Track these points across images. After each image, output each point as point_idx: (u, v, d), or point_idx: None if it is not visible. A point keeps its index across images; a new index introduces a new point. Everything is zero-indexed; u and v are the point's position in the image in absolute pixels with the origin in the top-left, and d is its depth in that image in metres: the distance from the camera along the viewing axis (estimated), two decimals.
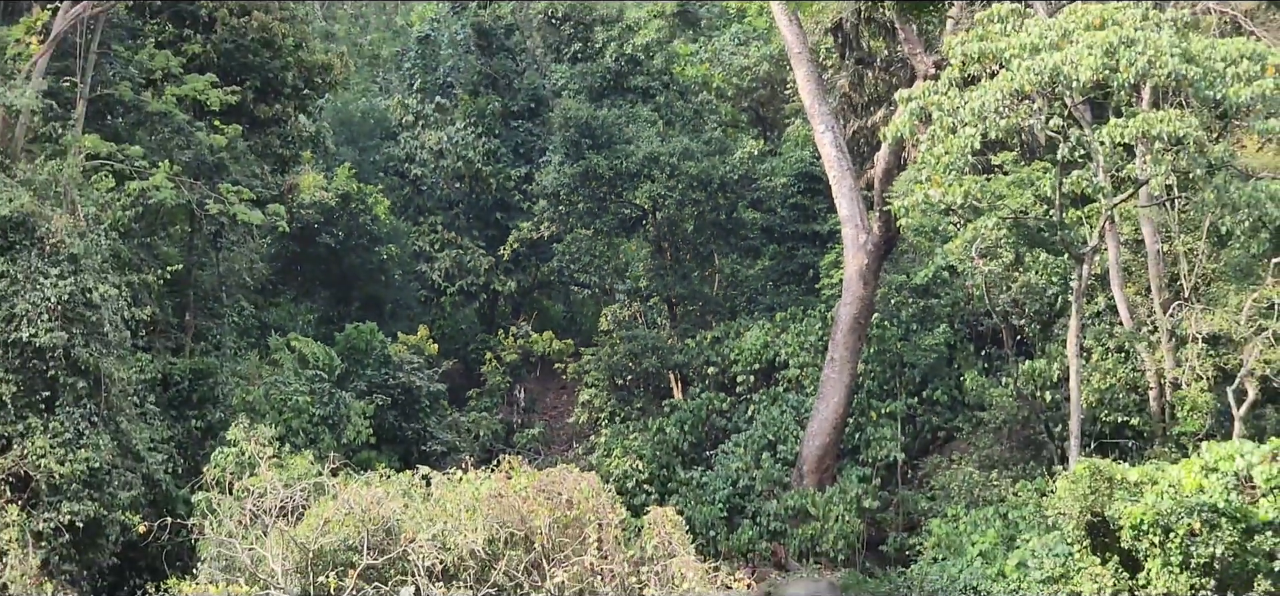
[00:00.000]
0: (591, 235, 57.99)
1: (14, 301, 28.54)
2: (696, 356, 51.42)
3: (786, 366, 48.97)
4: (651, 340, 53.25)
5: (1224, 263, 36.29)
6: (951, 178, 30.09)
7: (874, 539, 41.62)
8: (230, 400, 38.36)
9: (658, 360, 51.30)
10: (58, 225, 29.55)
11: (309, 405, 40.62)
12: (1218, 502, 24.34)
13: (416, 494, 24.90)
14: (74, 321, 29.15)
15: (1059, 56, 26.49)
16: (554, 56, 67.82)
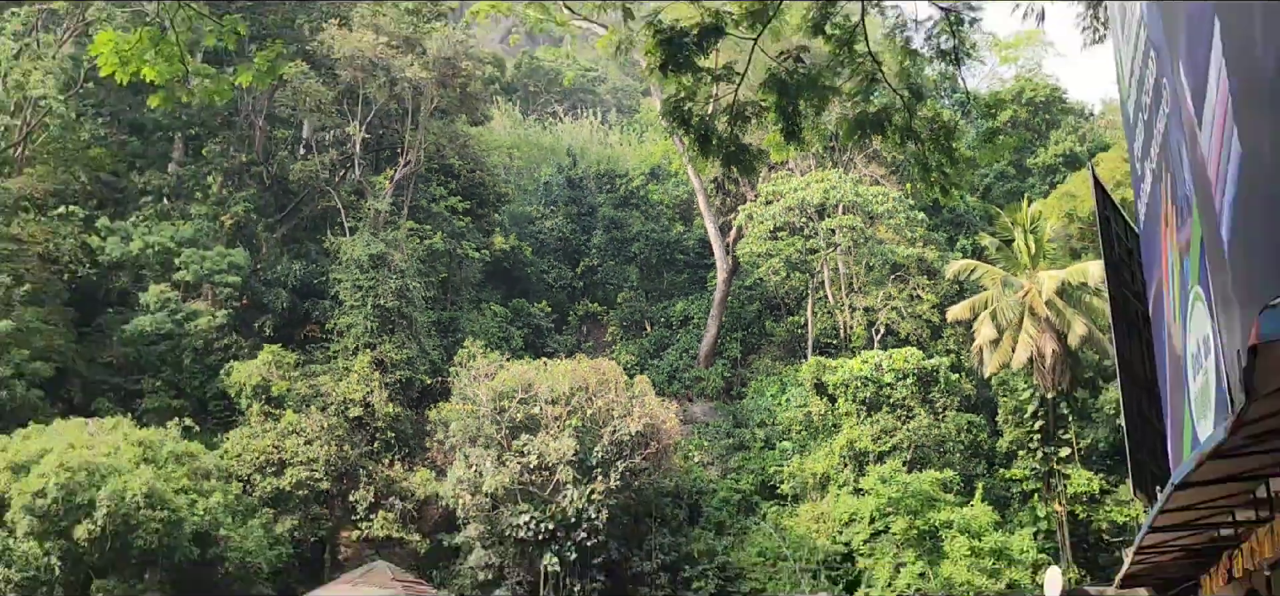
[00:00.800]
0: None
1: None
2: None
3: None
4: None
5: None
6: (762, 241, 51.80)
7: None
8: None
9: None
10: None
11: None
12: None
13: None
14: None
15: (804, 192, 52.18)
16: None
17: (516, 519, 42.55)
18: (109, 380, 47.77)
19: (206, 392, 47.91)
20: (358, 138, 55.62)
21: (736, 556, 44.65)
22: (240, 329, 49.65)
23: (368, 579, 39.43)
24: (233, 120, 55.19)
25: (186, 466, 40.76)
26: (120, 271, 50.16)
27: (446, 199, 57.03)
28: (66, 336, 47.75)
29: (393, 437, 46.44)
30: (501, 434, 43.23)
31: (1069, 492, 44.06)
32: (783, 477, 46.63)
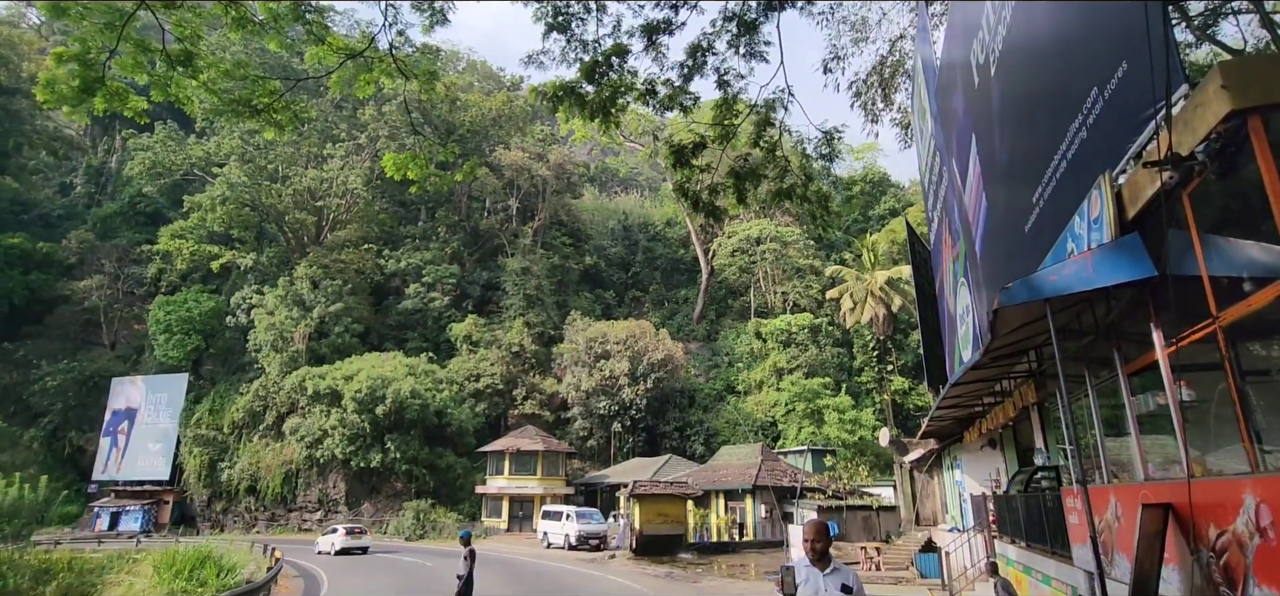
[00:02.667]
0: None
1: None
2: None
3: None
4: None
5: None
6: (727, 257, 55.94)
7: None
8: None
9: None
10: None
11: None
12: None
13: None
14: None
15: (748, 230, 53.43)
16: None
17: (598, 404, 43.25)
18: (390, 333, 48.74)
19: (439, 339, 48.33)
20: (514, 205, 56.23)
21: (714, 423, 44.90)
22: (456, 307, 50.55)
23: (523, 434, 40.23)
24: (451, 197, 56.08)
25: (430, 377, 41.74)
26: (395, 277, 51.25)
27: (560, 237, 57.55)
28: (369, 311, 48.86)
29: (534, 362, 47.13)
30: (590, 359, 43.89)
31: (892, 389, 44.17)
32: (739, 382, 46.89)
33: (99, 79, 9.75)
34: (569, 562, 24.11)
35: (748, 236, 52.05)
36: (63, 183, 65.36)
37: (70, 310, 53.17)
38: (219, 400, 45.86)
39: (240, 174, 46.41)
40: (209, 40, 11.40)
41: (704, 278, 55.60)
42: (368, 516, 39.48)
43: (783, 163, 10.08)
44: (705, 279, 55.49)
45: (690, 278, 59.98)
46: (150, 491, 44.71)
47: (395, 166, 13.50)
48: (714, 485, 31.94)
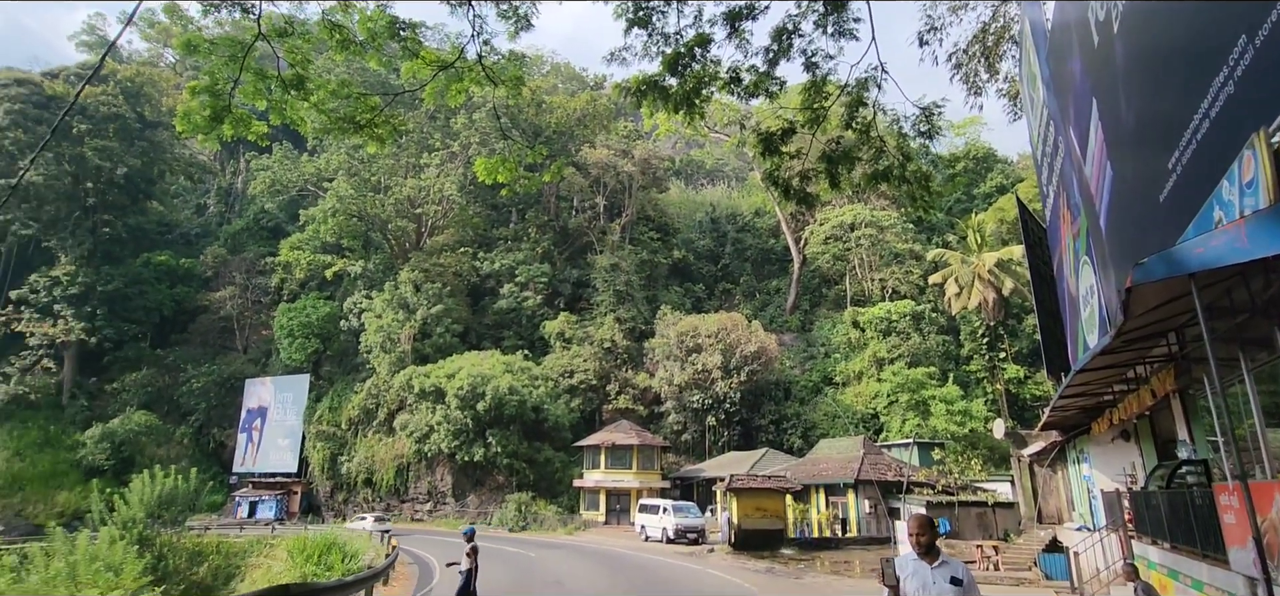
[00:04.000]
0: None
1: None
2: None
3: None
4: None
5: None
6: (819, 245, 52.18)
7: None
8: None
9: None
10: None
11: None
12: None
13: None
14: None
15: (842, 217, 50.90)
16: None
17: (691, 398, 43.21)
18: (487, 332, 50.71)
19: (533, 337, 49.76)
20: (601, 203, 57.06)
21: (812, 416, 43.74)
22: (548, 305, 51.86)
23: (617, 429, 40.82)
24: (540, 198, 57.57)
25: (526, 374, 43.08)
26: (490, 278, 53.27)
27: (647, 233, 57.72)
28: (467, 311, 51.11)
29: (626, 357, 47.61)
30: (682, 353, 43.90)
31: (1006, 378, 41.44)
32: (836, 373, 45.44)
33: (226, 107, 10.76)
34: (668, 556, 24.27)
35: (841, 223, 50.29)
36: (199, 204, 72.87)
37: (209, 319, 59.22)
38: (337, 398, 49.52)
39: (347, 187, 49.78)
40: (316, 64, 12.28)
41: (796, 267, 54.22)
42: (473, 508, 41.46)
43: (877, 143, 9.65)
44: (797, 268, 54.10)
45: (781, 268, 58.71)
46: (281, 482, 49.06)
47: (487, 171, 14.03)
48: (814, 479, 31.17)
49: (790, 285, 54.91)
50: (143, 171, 60.23)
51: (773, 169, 10.15)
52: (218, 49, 10.58)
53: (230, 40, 10.78)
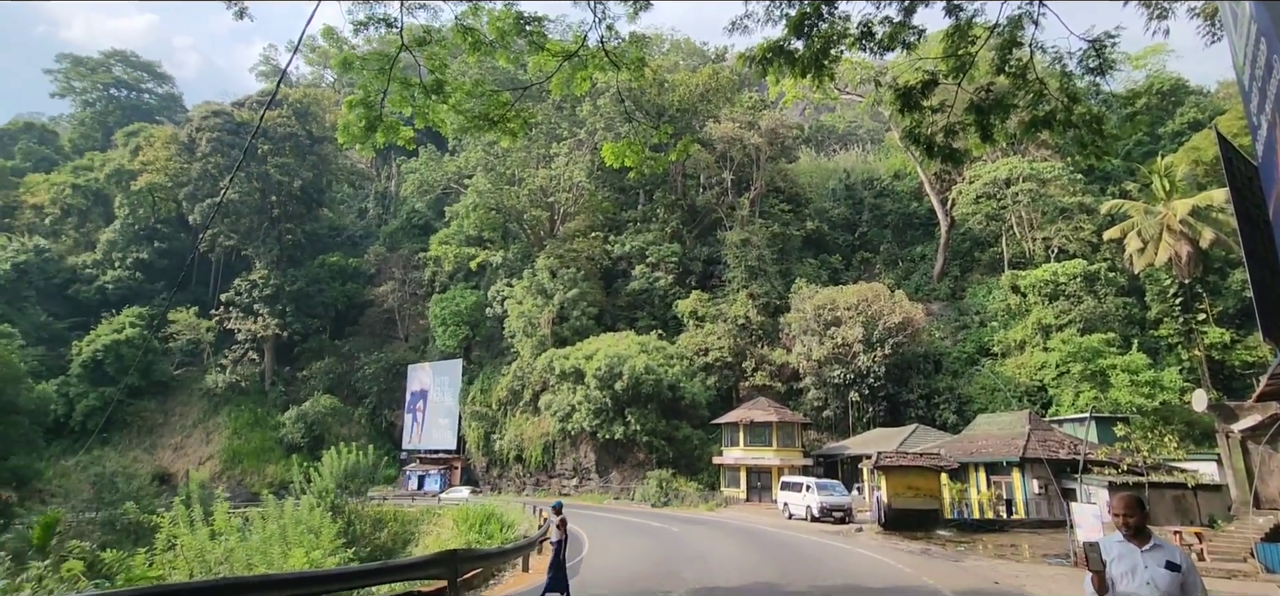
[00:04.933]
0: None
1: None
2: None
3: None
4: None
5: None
6: (969, 205, 47.21)
7: None
8: None
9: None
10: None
11: None
12: None
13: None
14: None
15: (995, 172, 46.16)
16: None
17: (831, 373, 41.84)
18: (621, 314, 52.12)
19: (666, 316, 50.42)
20: (728, 178, 56.38)
21: (967, 390, 40.87)
22: (680, 284, 52.26)
23: (755, 406, 40.51)
24: (667, 178, 57.88)
25: (661, 353, 43.88)
26: (621, 261, 54.62)
27: (778, 205, 56.27)
28: (601, 294, 52.83)
29: (761, 333, 46.97)
30: (819, 327, 42.56)
31: (1206, 343, 36.17)
32: (993, 343, 41.96)
33: (377, 117, 11.91)
34: (812, 534, 23.82)
35: (995, 179, 45.94)
36: (360, 208, 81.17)
37: (375, 311, 66.13)
38: (486, 381, 53.36)
39: (485, 182, 53.11)
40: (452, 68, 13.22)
41: (943, 231, 50.45)
42: (616, 484, 43.10)
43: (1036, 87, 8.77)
44: (944, 232, 50.31)
45: (926, 232, 55.00)
46: (443, 458, 53.92)
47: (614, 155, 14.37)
48: (972, 457, 29.11)
49: (937, 250, 51.28)
50: (314, 183, 68.05)
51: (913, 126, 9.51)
52: (368, 63, 11.72)
53: (378, 55, 11.88)
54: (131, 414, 61.14)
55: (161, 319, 63.26)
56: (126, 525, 26.06)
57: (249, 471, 54.97)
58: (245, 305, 63.17)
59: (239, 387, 61.80)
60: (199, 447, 59.13)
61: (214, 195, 62.97)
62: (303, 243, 67.10)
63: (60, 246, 73.92)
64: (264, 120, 62.90)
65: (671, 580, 14.54)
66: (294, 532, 15.03)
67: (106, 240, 71.99)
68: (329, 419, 56.50)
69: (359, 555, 18.43)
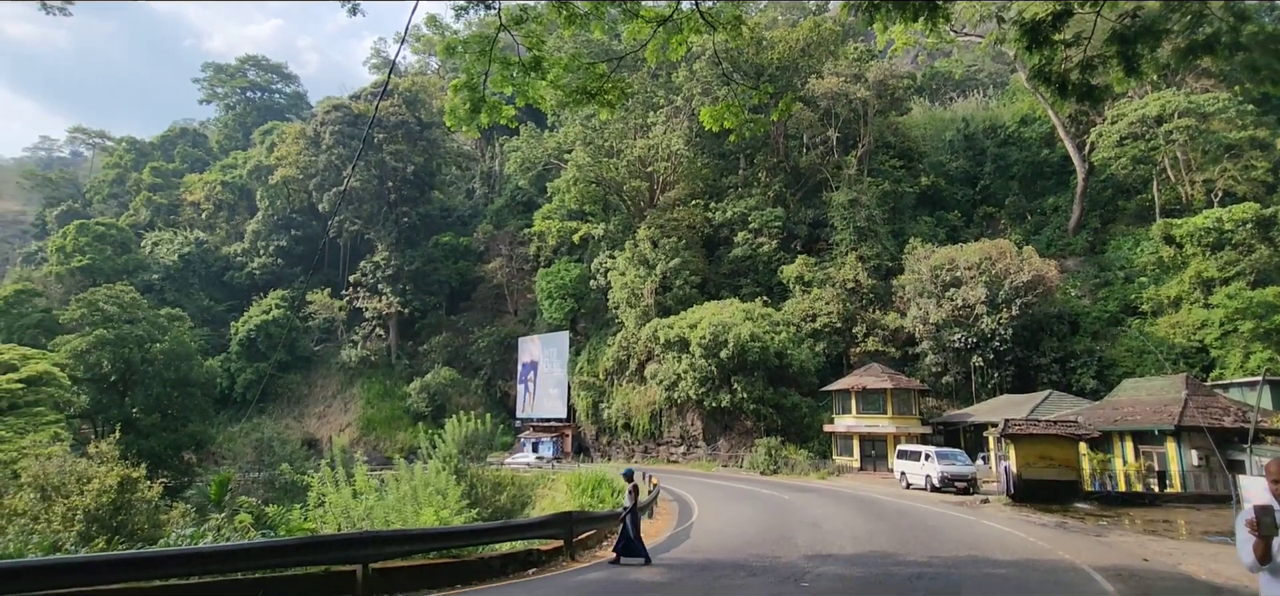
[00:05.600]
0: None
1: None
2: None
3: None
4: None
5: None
6: (1111, 148, 43.30)
7: None
8: None
9: None
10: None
11: None
12: None
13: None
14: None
15: (1144, 109, 40.83)
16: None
17: (950, 337, 39.64)
18: (724, 281, 51.71)
19: (771, 283, 49.48)
20: (833, 136, 54.13)
21: (1110, 352, 37.47)
22: (784, 249, 51.04)
23: (867, 372, 39.20)
24: (768, 140, 56.43)
25: (767, 320, 43.27)
26: (723, 228, 54.01)
27: (888, 161, 53.34)
28: (703, 262, 52.58)
29: (872, 297, 45.17)
30: (937, 289, 40.30)
31: None
32: (1142, 301, 38.07)
33: (481, 98, 12.45)
34: (932, 504, 22.93)
35: (1142, 117, 41.28)
36: (467, 189, 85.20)
37: (485, 287, 69.55)
38: (593, 351, 54.93)
39: (584, 155, 54.07)
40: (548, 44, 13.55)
41: (1079, 179, 45.96)
42: (724, 452, 43.32)
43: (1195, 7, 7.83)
44: (1081, 180, 45.82)
45: (1059, 182, 50.44)
46: (554, 426, 56.30)
47: (712, 118, 14.22)
48: (1116, 425, 26.76)
49: (1072, 201, 46.90)
50: (425, 167, 72.20)
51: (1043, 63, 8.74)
52: (470, 47, 12.24)
53: (478, 37, 12.38)
54: (282, 386, 68.39)
55: (301, 300, 70.10)
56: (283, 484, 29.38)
57: (382, 437, 60.00)
58: (370, 285, 68.48)
59: (369, 361, 67.53)
60: (339, 416, 65.23)
61: (338, 184, 68.31)
62: (417, 224, 71.48)
63: (215, 238, 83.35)
64: (378, 110, 67.18)
65: (783, 546, 14.53)
66: (423, 493, 16.34)
67: (252, 230, 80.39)
68: (449, 389, 60.41)
69: (481, 514, 19.77)
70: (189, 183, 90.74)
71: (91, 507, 13.64)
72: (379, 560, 10.23)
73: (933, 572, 11.68)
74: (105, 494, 14.08)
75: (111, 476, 14.60)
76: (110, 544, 12.58)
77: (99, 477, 14.54)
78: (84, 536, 12.87)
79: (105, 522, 13.69)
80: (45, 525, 13.14)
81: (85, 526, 13.28)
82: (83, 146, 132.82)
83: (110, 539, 12.99)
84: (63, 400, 40.90)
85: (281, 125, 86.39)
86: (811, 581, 10.84)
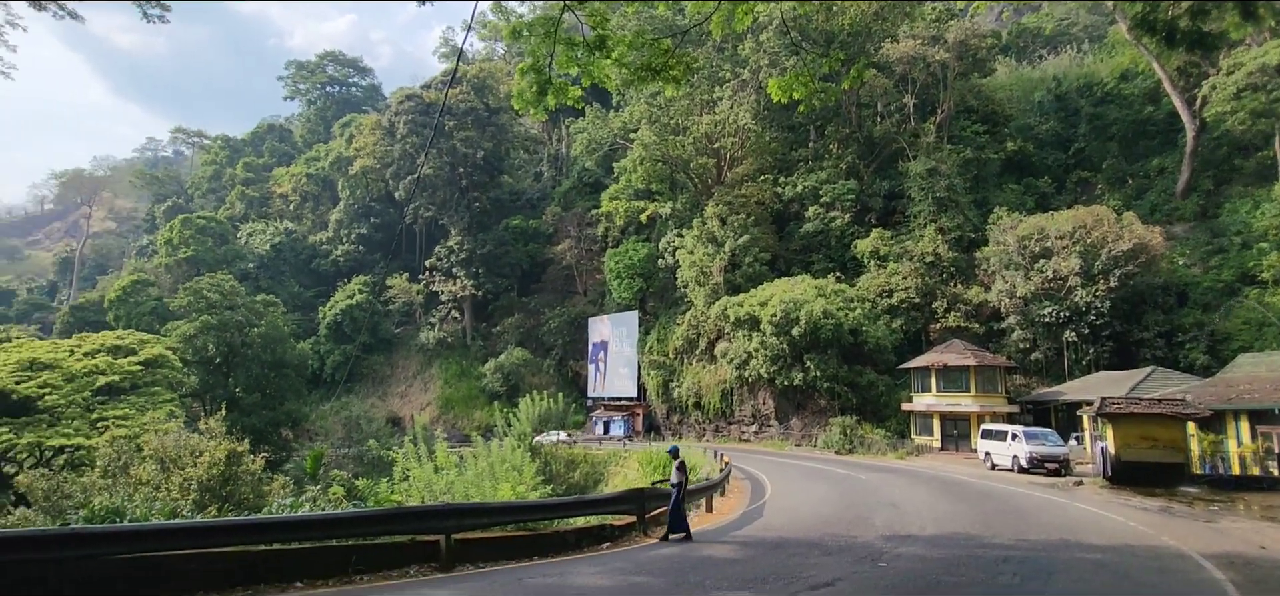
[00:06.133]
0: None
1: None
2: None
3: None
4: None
5: None
6: (1226, 103, 37.53)
7: None
8: None
9: None
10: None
11: None
12: None
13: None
14: None
15: (1263, 58, 36.12)
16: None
17: (1040, 311, 37.55)
18: (795, 257, 50.62)
19: (844, 258, 48.12)
20: (910, 103, 51.82)
21: (1223, 326, 34.59)
22: (858, 223, 49.47)
23: (949, 349, 37.68)
24: (839, 110, 54.59)
25: (840, 296, 42.18)
26: (793, 203, 52.85)
27: (970, 127, 50.54)
28: (773, 239, 51.64)
29: (953, 270, 43.24)
30: (1025, 260, 38.19)
31: None
32: (1261, 269, 34.77)
33: (547, 80, 12.60)
34: (1021, 486, 21.97)
35: (1263, 66, 37.36)
36: (535, 172, 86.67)
37: (555, 269, 70.86)
38: (662, 330, 55.15)
39: (650, 134, 53.90)
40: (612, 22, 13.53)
41: (1189, 137, 42.29)
42: (797, 431, 42.78)
43: None
44: (1191, 139, 42.14)
45: (1165, 141, 46.58)
46: (625, 405, 57.07)
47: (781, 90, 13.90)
48: (1230, 403, 24.75)
49: (1181, 162, 43.29)
50: (494, 152, 73.89)
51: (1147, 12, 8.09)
52: (535, 29, 12.38)
53: (543, 19, 12.51)
54: (366, 367, 72.17)
55: (381, 285, 73.69)
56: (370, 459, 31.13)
57: (459, 416, 62.44)
58: (445, 269, 71.06)
59: (446, 343, 70.34)
60: (419, 395, 68.31)
61: (413, 172, 70.96)
62: (488, 209, 73.39)
63: (302, 227, 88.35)
64: (447, 98, 69.08)
65: (860, 526, 14.30)
66: (500, 469, 16.97)
67: (334, 219, 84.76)
68: (522, 369, 62.15)
69: (555, 490, 20.36)
70: (277, 176, 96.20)
71: (204, 478, 14.89)
72: (460, 531, 10.72)
73: (1021, 555, 11.24)
74: (215, 466, 15.32)
75: (220, 450, 15.87)
76: (221, 511, 13.71)
77: (209, 451, 15.83)
78: (198, 504, 14.08)
79: (216, 492, 14.94)
80: (165, 493, 14.46)
81: (199, 495, 14.52)
82: (183, 145, 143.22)
83: (220, 507, 14.17)
84: (175, 380, 44.45)
85: (359, 117, 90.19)
86: (890, 561, 10.64)
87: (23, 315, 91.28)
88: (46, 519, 14.86)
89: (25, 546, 7.38)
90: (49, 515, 15.23)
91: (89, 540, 7.56)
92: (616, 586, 9.07)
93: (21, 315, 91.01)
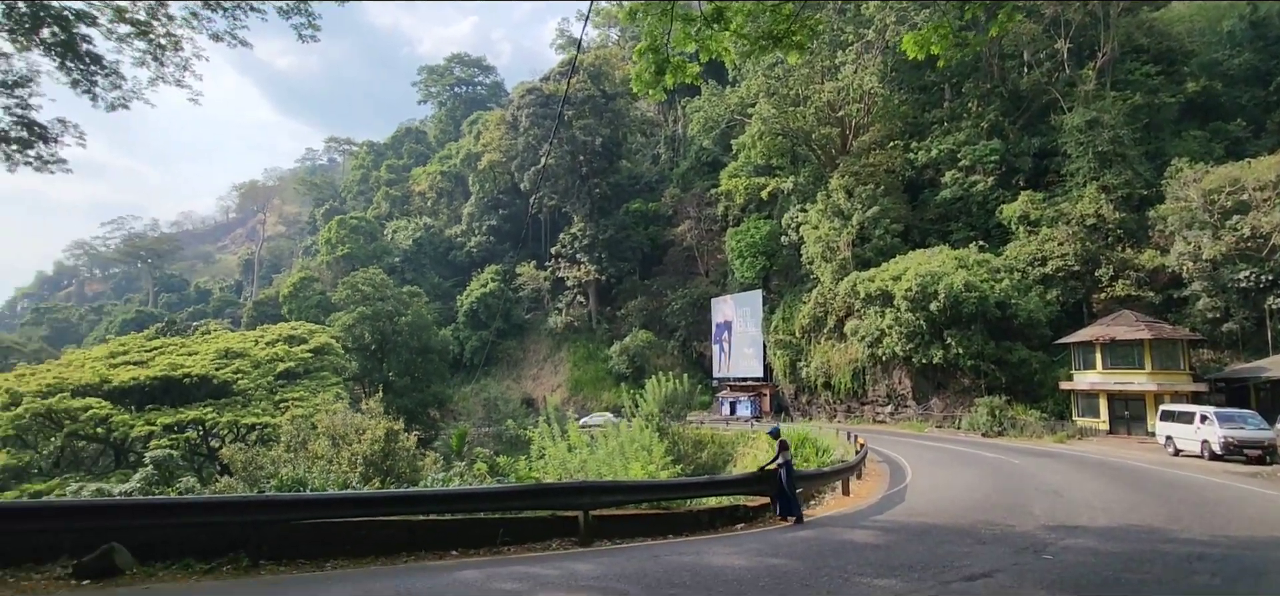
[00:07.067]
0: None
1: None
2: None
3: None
4: None
5: None
6: None
7: None
8: None
9: None
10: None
11: None
12: None
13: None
14: None
15: None
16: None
17: (1233, 275, 32.74)
18: (931, 228, 47.59)
19: (988, 225, 44.45)
20: (1063, 48, 46.61)
21: None
22: (1003, 186, 45.45)
23: (1117, 320, 33.81)
24: (978, 65, 50.28)
25: (984, 267, 39.08)
26: (926, 169, 49.53)
27: (1139, 69, 44.59)
28: (905, 208, 48.74)
29: (1119, 233, 38.71)
30: (1213, 217, 33.40)
31: None
32: None
33: (665, 59, 12.51)
34: (1212, 475, 19.39)
35: None
36: (653, 155, 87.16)
37: (676, 251, 71.13)
38: (788, 309, 53.88)
39: (768, 107, 52.46)
40: None
41: None
42: (937, 412, 40.34)
43: None
44: None
45: None
46: (751, 385, 56.49)
47: (917, 45, 12.95)
48: None
49: None
50: (612, 137, 75.20)
51: None
52: (651, 8, 12.30)
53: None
54: (501, 351, 76.57)
55: (511, 273, 77.71)
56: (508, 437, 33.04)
57: (588, 397, 64.71)
58: (569, 255, 73.65)
59: (573, 327, 73.07)
60: (550, 377, 71.50)
61: (536, 163, 73.88)
62: (608, 194, 75.02)
63: (439, 222, 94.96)
64: (568, 88, 71.05)
65: (1016, 514, 13.23)
66: (630, 449, 17.36)
67: (467, 213, 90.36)
68: (647, 351, 63.19)
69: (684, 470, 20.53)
70: (415, 175, 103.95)
71: (368, 453, 16.48)
72: (597, 508, 11.07)
73: (1219, 553, 9.87)
74: (376, 443, 16.89)
75: (380, 428, 17.45)
76: (383, 483, 15.10)
77: (371, 429, 17.46)
78: (364, 476, 15.59)
79: (378, 466, 16.48)
80: (337, 466, 16.15)
81: (364, 469, 16.08)
82: (335, 153, 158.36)
83: (382, 479, 15.60)
84: (339, 366, 49.40)
85: (484, 114, 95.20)
86: (1056, 554, 9.72)
87: (217, 311, 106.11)
88: (245, 486, 17.13)
89: (232, 510, 8.50)
90: (246, 483, 17.54)
91: (280, 506, 8.58)
92: (753, 567, 8.97)
93: (217, 311, 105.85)
